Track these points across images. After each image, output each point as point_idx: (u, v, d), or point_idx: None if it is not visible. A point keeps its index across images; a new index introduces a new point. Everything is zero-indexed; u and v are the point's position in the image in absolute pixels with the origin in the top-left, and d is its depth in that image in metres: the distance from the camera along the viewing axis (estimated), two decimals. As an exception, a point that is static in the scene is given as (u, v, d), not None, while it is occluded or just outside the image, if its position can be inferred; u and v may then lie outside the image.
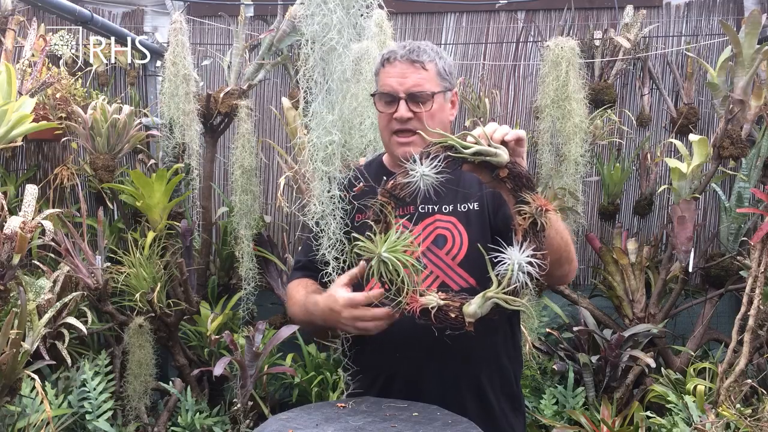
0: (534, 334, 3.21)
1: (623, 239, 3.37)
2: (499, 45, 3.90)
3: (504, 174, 1.32)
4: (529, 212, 1.30)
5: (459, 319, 1.32)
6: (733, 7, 3.78)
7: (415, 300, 1.33)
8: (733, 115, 2.88)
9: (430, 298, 1.34)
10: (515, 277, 1.27)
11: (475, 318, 1.31)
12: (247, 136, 3.21)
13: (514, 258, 1.28)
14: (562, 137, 2.99)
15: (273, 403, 3.19)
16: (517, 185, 1.32)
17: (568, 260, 1.50)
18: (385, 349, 1.54)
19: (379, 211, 1.35)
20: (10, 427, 2.48)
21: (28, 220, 2.05)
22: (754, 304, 2.60)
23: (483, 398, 1.60)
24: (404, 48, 1.58)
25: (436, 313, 1.32)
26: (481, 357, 1.58)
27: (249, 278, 3.23)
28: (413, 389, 1.53)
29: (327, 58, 1.43)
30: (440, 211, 1.59)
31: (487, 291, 1.31)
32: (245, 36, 3.37)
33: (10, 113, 2.27)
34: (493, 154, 1.30)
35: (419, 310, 1.32)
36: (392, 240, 1.32)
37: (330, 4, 1.39)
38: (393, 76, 1.56)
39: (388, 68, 1.58)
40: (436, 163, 1.29)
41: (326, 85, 1.44)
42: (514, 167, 1.32)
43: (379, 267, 1.32)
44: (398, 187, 1.34)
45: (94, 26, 2.97)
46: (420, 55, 1.57)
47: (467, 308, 1.32)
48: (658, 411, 2.92)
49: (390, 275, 1.32)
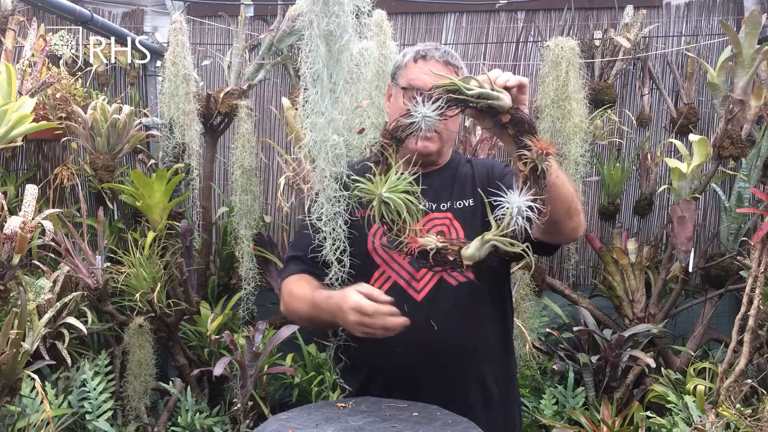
0: (534, 334, 3.21)
1: (623, 239, 3.37)
2: (499, 45, 3.90)
3: (506, 119, 1.31)
4: (531, 157, 1.27)
5: (457, 262, 1.31)
6: (733, 7, 3.78)
7: (414, 241, 1.32)
8: (733, 115, 2.88)
9: (429, 239, 1.33)
10: (514, 220, 1.26)
11: (473, 260, 1.30)
12: (247, 136, 3.21)
13: (513, 202, 1.26)
14: (562, 137, 2.99)
15: (273, 403, 3.19)
16: (519, 130, 1.30)
17: (576, 211, 1.49)
18: (382, 347, 1.55)
19: (380, 152, 1.34)
20: (10, 427, 2.48)
21: (28, 220, 2.05)
22: (754, 304, 2.60)
23: (484, 391, 1.61)
24: (437, 49, 1.62)
25: (435, 256, 1.31)
26: (478, 350, 1.59)
27: (249, 278, 3.23)
28: (413, 387, 1.54)
29: (337, 58, 1.43)
30: (437, 209, 1.60)
31: (485, 233, 1.30)
32: (245, 36, 3.37)
33: (10, 113, 2.27)
34: (496, 98, 1.29)
35: (417, 251, 1.31)
36: (393, 180, 1.31)
37: (344, 5, 1.39)
38: (429, 74, 1.57)
39: (422, 64, 1.60)
40: (438, 104, 1.28)
41: (331, 85, 1.44)
42: (517, 113, 1.30)
43: (380, 207, 1.31)
44: (400, 129, 1.33)
45: (94, 26, 2.97)
46: (454, 59, 1.62)
47: (465, 251, 1.31)
48: (658, 411, 2.92)
49: (392, 215, 1.31)
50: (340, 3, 1.39)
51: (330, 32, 1.39)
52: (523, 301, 3.16)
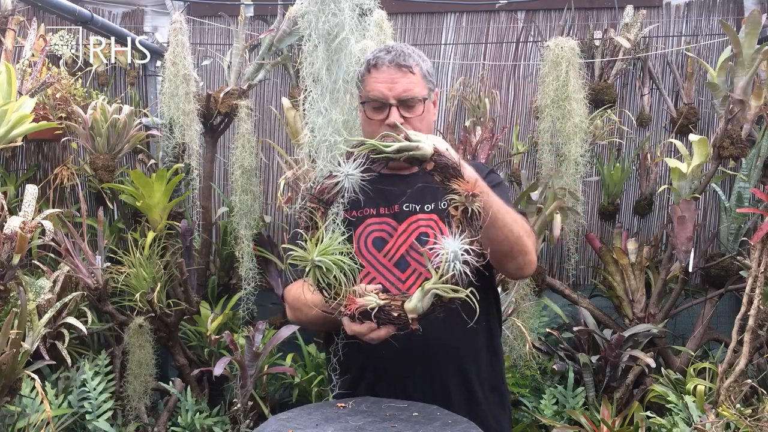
0: (534, 334, 3.21)
1: (623, 239, 3.37)
2: (499, 45, 3.90)
3: (430, 167, 1.31)
4: (459, 201, 1.28)
5: (402, 317, 1.30)
6: (733, 7, 3.78)
7: (353, 301, 1.31)
8: (733, 115, 2.88)
9: (369, 298, 1.32)
10: (451, 266, 1.24)
11: (417, 314, 1.29)
12: (247, 136, 3.21)
13: (449, 247, 1.24)
14: (562, 137, 2.99)
15: (273, 403, 3.19)
16: (445, 176, 1.30)
17: (521, 252, 1.48)
18: (367, 347, 1.55)
19: (309, 217, 1.34)
20: (10, 427, 2.48)
21: (28, 220, 2.05)
22: (754, 304, 2.60)
23: (469, 393, 1.61)
24: (389, 53, 1.57)
25: (378, 314, 1.30)
26: (462, 351, 1.60)
27: (249, 278, 3.23)
28: (399, 387, 1.55)
29: (335, 57, 1.43)
30: (422, 210, 1.60)
31: (425, 283, 1.28)
32: (245, 36, 3.37)
33: (10, 113, 2.28)
34: (415, 148, 1.29)
35: (358, 312, 1.30)
36: (325, 243, 1.30)
37: (341, 3, 1.39)
38: (381, 82, 1.55)
39: (374, 74, 1.56)
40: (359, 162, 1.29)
41: (331, 85, 1.44)
42: (440, 159, 1.30)
43: (315, 272, 1.30)
44: (326, 191, 1.34)
45: (94, 26, 2.97)
46: (406, 59, 1.56)
47: (408, 304, 1.30)
48: (658, 411, 2.92)
49: (327, 279, 1.30)
50: (337, 1, 1.39)
51: (328, 31, 1.39)
52: (523, 301, 3.15)
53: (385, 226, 1.60)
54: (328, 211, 1.37)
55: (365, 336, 1.35)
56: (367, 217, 1.61)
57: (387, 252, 1.59)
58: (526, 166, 3.86)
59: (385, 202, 1.61)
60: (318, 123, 1.44)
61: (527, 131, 3.86)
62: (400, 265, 1.57)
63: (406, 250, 1.57)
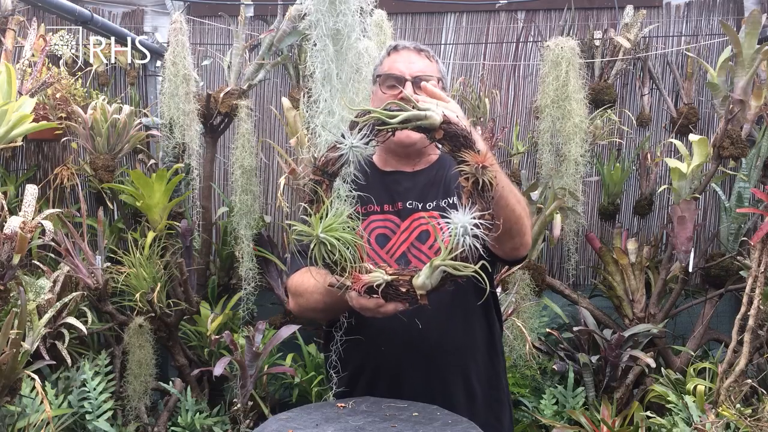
0: (534, 334, 3.21)
1: (623, 239, 3.37)
2: (499, 45, 3.90)
3: (439, 135, 1.24)
4: (470, 172, 1.22)
5: (411, 293, 1.26)
6: (733, 7, 3.78)
7: (358, 279, 1.27)
8: (733, 115, 2.88)
9: (377, 274, 1.28)
10: (461, 241, 1.19)
11: (425, 290, 1.25)
12: (247, 136, 3.21)
13: (458, 221, 1.19)
14: (562, 137, 2.99)
15: (273, 403, 3.19)
16: (455, 145, 1.24)
17: (519, 233, 1.47)
18: (367, 344, 1.55)
19: (313, 190, 1.29)
20: (10, 427, 2.48)
21: (28, 220, 2.05)
22: (754, 304, 2.60)
23: (470, 391, 1.61)
24: (409, 42, 1.67)
25: (386, 290, 1.27)
26: (461, 348, 1.60)
27: (249, 278, 3.23)
28: (396, 384, 1.55)
29: (344, 57, 1.42)
30: (424, 208, 1.61)
31: (434, 259, 1.23)
32: (245, 36, 3.37)
33: (10, 113, 2.27)
34: (423, 117, 1.24)
35: (364, 288, 1.27)
36: (330, 218, 1.26)
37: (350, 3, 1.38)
38: (400, 62, 1.60)
39: (394, 56, 1.63)
40: (364, 133, 1.25)
41: (340, 85, 1.43)
42: (450, 127, 1.24)
43: (320, 249, 1.26)
44: (329, 163, 1.29)
45: (94, 26, 2.97)
46: (426, 48, 1.66)
47: (416, 280, 1.26)
48: (658, 411, 2.92)
49: (333, 255, 1.26)
50: (346, 2, 1.39)
51: (337, 31, 1.39)
52: (523, 301, 3.16)
53: (388, 222, 1.61)
54: (332, 183, 1.32)
55: (372, 311, 1.33)
56: (370, 214, 1.62)
57: (389, 249, 1.59)
58: (526, 166, 3.86)
59: (389, 198, 1.62)
60: (329, 123, 1.43)
61: (527, 131, 3.86)
62: (402, 261, 1.58)
63: (407, 247, 1.58)
